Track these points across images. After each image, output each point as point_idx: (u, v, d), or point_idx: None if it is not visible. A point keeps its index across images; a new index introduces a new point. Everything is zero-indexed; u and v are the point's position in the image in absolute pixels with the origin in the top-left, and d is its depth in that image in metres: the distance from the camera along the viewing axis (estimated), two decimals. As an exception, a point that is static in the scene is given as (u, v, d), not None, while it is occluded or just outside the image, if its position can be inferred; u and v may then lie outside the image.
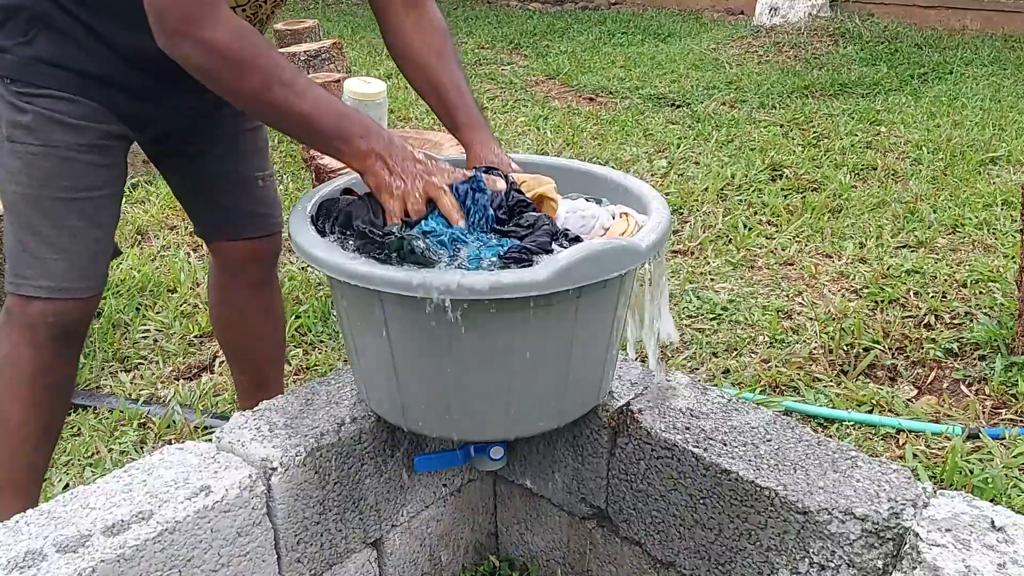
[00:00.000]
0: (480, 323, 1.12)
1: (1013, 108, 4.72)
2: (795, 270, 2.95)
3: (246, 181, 1.66)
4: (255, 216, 1.69)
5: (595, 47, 6.86)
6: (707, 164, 4.00)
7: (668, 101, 5.22)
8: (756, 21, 7.04)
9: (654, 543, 1.35)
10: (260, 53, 1.16)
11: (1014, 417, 2.10)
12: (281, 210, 1.75)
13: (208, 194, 1.66)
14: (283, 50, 4.82)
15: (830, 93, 5.24)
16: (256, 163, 1.67)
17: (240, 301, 1.78)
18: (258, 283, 1.77)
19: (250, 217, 1.68)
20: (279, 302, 1.86)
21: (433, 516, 1.53)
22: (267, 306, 1.81)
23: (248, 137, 1.65)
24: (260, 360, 1.85)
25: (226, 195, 1.66)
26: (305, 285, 2.86)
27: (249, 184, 1.66)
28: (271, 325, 1.84)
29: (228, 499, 1.17)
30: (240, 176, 1.65)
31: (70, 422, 2.20)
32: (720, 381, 2.30)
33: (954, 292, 2.70)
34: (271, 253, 1.75)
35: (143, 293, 2.84)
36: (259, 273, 1.76)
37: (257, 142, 1.67)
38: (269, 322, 1.83)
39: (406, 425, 1.28)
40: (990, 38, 6.40)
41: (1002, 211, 3.32)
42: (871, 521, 1.09)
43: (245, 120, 1.62)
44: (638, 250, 1.14)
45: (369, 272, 1.10)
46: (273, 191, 1.72)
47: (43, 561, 1.04)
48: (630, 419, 1.32)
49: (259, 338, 1.83)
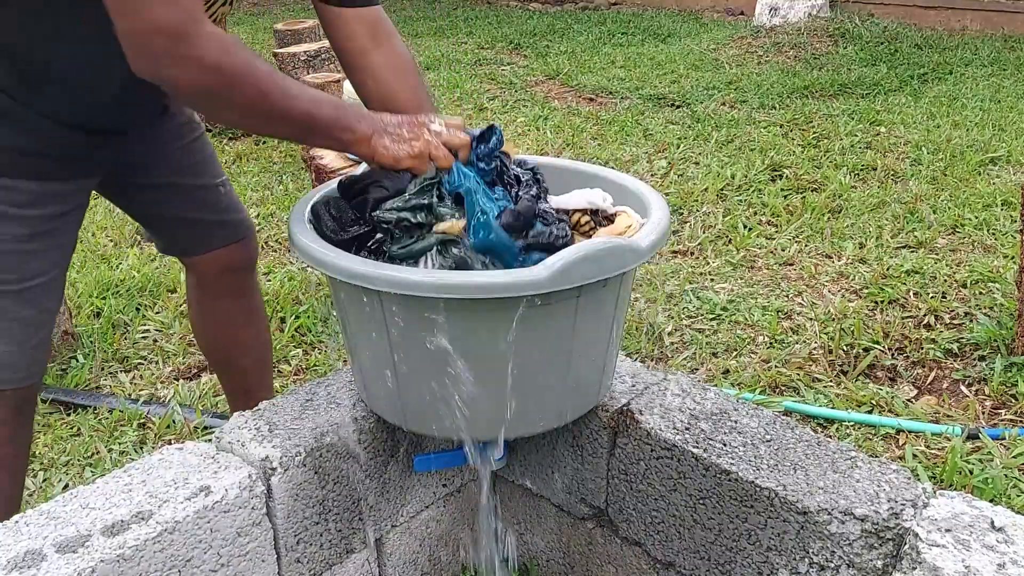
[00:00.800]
0: (480, 323, 1.12)
1: (1013, 108, 4.72)
2: (795, 270, 2.95)
3: (207, 192, 1.64)
4: (224, 224, 1.67)
5: (595, 47, 6.86)
6: (707, 164, 4.00)
7: (668, 101, 5.23)
8: (756, 21, 7.03)
9: (654, 543, 1.35)
10: (249, 62, 1.13)
11: (1014, 417, 2.10)
12: (246, 212, 1.74)
13: (173, 214, 1.63)
14: (283, 50, 4.83)
15: (830, 93, 5.24)
16: (212, 171, 1.65)
17: (223, 312, 1.76)
18: (239, 292, 1.76)
19: (219, 226, 1.66)
20: (261, 307, 1.84)
21: (433, 516, 1.53)
22: (250, 314, 1.80)
23: (195, 148, 1.62)
24: (249, 367, 1.85)
25: (191, 211, 1.63)
26: (305, 286, 2.86)
27: (211, 194, 1.64)
28: (256, 331, 1.83)
29: (228, 499, 1.17)
30: (200, 188, 1.63)
31: (70, 422, 2.20)
32: (720, 381, 2.30)
33: (954, 292, 2.70)
34: (247, 259, 1.73)
35: (143, 293, 2.84)
36: (238, 281, 1.74)
37: (205, 150, 1.64)
38: (254, 329, 1.82)
39: (406, 425, 1.28)
40: (990, 38, 6.40)
41: (1002, 211, 3.33)
42: (871, 521, 1.09)
43: (187, 132, 1.59)
44: (638, 249, 1.14)
45: (368, 272, 1.10)
46: (234, 195, 1.70)
47: (43, 561, 1.04)
48: (630, 419, 1.32)
49: (246, 346, 1.82)
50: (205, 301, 1.77)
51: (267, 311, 2.68)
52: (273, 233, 3.37)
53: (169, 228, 1.67)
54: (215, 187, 1.64)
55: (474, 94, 5.52)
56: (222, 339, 1.81)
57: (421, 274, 1.08)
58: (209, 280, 1.72)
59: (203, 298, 1.77)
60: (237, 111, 1.16)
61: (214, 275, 1.71)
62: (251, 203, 3.67)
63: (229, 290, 1.74)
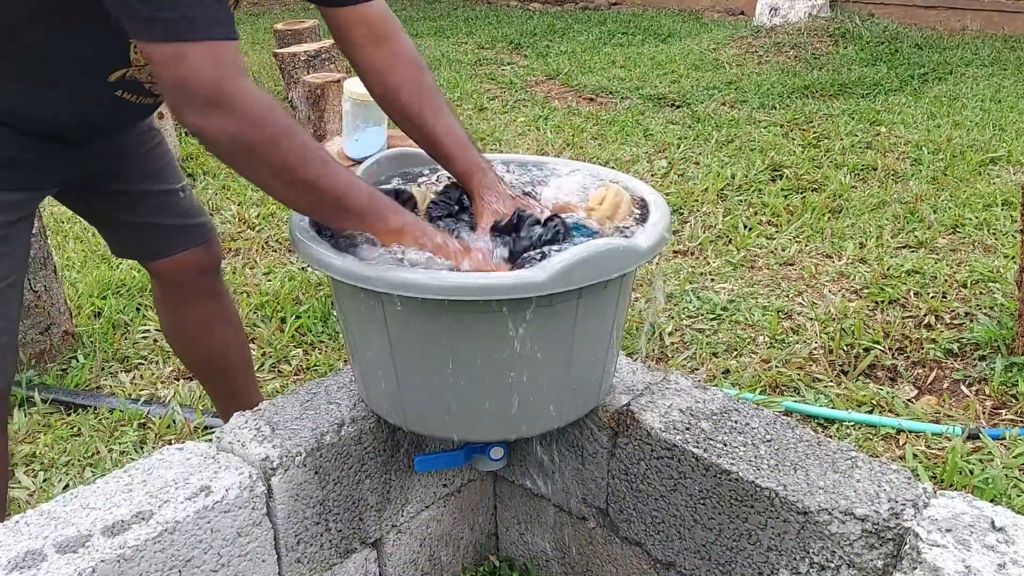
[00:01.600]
0: (481, 324, 1.12)
1: (1013, 108, 4.72)
2: (795, 270, 2.95)
3: (168, 197, 1.64)
4: (186, 228, 1.67)
5: (595, 47, 6.86)
6: (707, 164, 4.00)
7: (668, 101, 5.23)
8: (756, 21, 7.03)
9: (654, 543, 1.35)
10: (292, 126, 1.10)
11: (1014, 417, 2.10)
12: (207, 215, 1.74)
13: (135, 220, 1.63)
14: (283, 50, 4.82)
15: (830, 93, 5.24)
16: (171, 176, 1.65)
17: (197, 316, 1.76)
18: (210, 294, 1.75)
19: (182, 230, 1.66)
20: (233, 307, 1.84)
21: (433, 516, 1.53)
22: (224, 313, 1.79)
23: (155, 155, 1.62)
24: (231, 368, 1.84)
25: (154, 216, 1.63)
26: (305, 285, 2.86)
27: (172, 198, 1.64)
28: (233, 330, 1.83)
29: (228, 499, 1.17)
30: (162, 194, 1.63)
31: (70, 422, 2.20)
32: (720, 381, 2.30)
33: (954, 292, 2.70)
34: (213, 261, 1.73)
35: (143, 293, 2.84)
36: (207, 283, 1.74)
37: (164, 157, 1.64)
38: (231, 328, 1.82)
39: (406, 425, 1.28)
40: (990, 38, 6.40)
41: (1002, 211, 3.33)
42: (871, 521, 1.09)
43: (148, 139, 1.59)
44: (638, 250, 1.14)
45: (369, 273, 1.10)
46: (195, 199, 1.70)
47: (43, 561, 1.04)
48: (630, 419, 1.32)
49: (225, 346, 1.82)
50: (177, 307, 1.77)
51: (268, 311, 2.69)
52: (273, 233, 3.37)
53: (131, 233, 1.67)
54: (176, 192, 1.65)
55: (474, 94, 5.52)
56: (200, 343, 1.80)
57: (422, 275, 1.08)
58: (177, 285, 1.72)
59: (174, 304, 1.77)
60: (269, 174, 1.11)
61: (181, 279, 1.71)
62: (251, 203, 3.67)
63: (198, 293, 1.74)
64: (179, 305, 1.76)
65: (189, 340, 1.81)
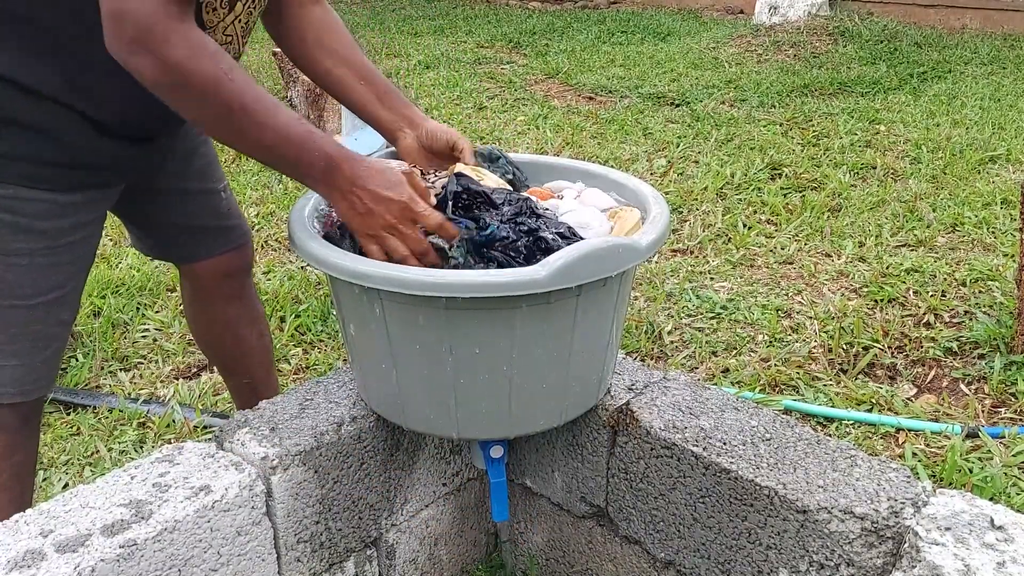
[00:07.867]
0: (480, 322, 1.12)
1: (1012, 107, 4.72)
2: (794, 269, 2.95)
3: (210, 197, 1.62)
4: (224, 230, 1.65)
5: (594, 46, 6.86)
6: (706, 163, 4.00)
7: (667, 100, 5.22)
8: (756, 20, 7.03)
9: (654, 542, 1.35)
10: (219, 74, 1.08)
11: (1013, 416, 2.10)
12: (244, 218, 1.73)
13: (176, 221, 1.61)
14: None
15: (829, 92, 5.24)
16: (215, 175, 1.63)
17: (224, 317, 1.75)
18: (238, 296, 1.74)
19: (220, 232, 1.65)
20: (260, 308, 1.84)
21: (433, 515, 1.53)
22: (251, 316, 1.79)
23: (202, 152, 1.60)
24: (254, 366, 1.84)
25: (195, 217, 1.61)
26: (305, 285, 2.86)
27: (213, 199, 1.62)
28: (257, 332, 1.82)
29: (228, 499, 1.17)
30: (204, 193, 1.61)
31: (70, 421, 2.20)
32: (720, 380, 2.30)
33: (953, 291, 2.70)
34: (245, 264, 1.72)
35: (143, 293, 2.84)
36: (237, 286, 1.73)
37: (209, 154, 1.62)
38: (256, 330, 1.81)
39: (406, 424, 1.28)
40: (990, 37, 6.40)
41: (1001, 210, 3.33)
42: (870, 520, 1.09)
43: (194, 135, 1.57)
44: (638, 248, 1.14)
45: (368, 271, 1.10)
46: (233, 201, 1.69)
47: (43, 561, 1.04)
48: (630, 418, 1.32)
49: (249, 347, 1.81)
50: (205, 307, 1.76)
51: (267, 310, 2.69)
52: (273, 232, 3.37)
53: (170, 234, 1.64)
54: (218, 192, 1.63)
55: (473, 93, 5.52)
56: (226, 344, 1.80)
57: (421, 273, 1.08)
58: (208, 286, 1.71)
59: (203, 304, 1.76)
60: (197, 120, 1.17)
61: (213, 281, 1.69)
62: (250, 202, 3.67)
63: (228, 295, 1.73)
64: (208, 305, 1.75)
65: (215, 339, 1.81)
